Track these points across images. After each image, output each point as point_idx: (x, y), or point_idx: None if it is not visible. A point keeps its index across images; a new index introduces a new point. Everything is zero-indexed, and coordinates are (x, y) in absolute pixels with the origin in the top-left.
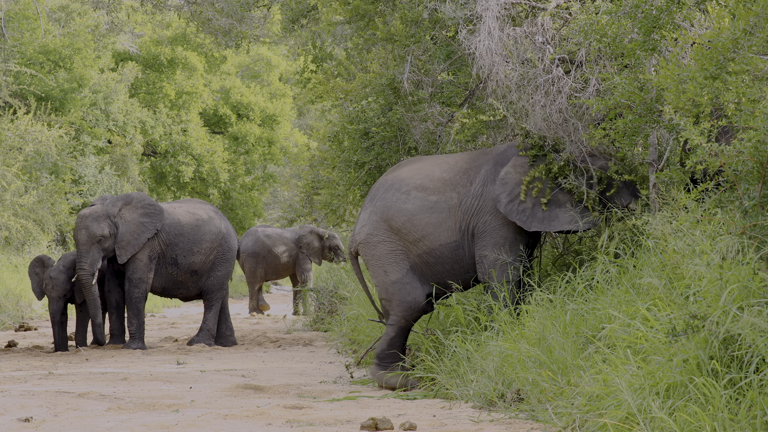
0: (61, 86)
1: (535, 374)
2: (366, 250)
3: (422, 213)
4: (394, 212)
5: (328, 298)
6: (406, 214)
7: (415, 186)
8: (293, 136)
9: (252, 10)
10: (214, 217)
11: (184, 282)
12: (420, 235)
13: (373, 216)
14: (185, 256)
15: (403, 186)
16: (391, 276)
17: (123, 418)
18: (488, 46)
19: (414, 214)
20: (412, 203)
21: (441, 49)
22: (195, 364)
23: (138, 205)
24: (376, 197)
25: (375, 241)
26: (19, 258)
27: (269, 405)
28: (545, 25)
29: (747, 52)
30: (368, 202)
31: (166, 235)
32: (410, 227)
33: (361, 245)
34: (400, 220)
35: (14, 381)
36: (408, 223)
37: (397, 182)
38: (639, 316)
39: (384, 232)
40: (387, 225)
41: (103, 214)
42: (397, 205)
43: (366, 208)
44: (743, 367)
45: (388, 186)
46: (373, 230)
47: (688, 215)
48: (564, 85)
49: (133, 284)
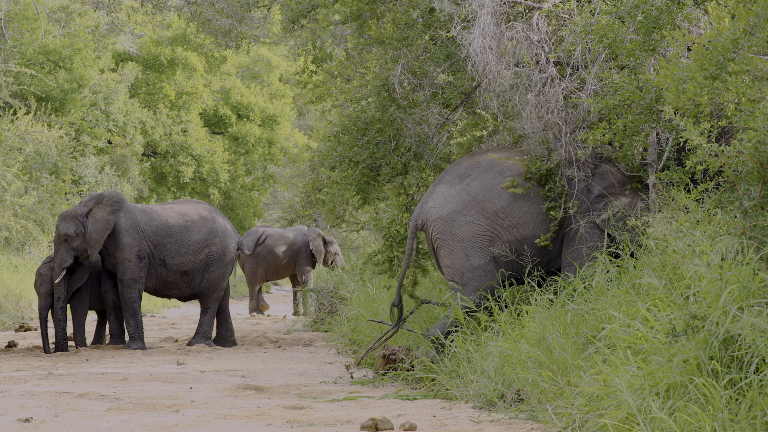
0: (61, 86)
1: (535, 374)
2: (445, 226)
3: (522, 200)
4: (494, 195)
5: (328, 298)
6: (507, 198)
7: (519, 173)
8: (293, 136)
9: (252, 11)
10: (207, 217)
11: (175, 282)
12: (516, 221)
13: (464, 195)
14: (173, 257)
15: (506, 170)
16: (473, 261)
17: (123, 419)
18: (482, 43)
19: (515, 200)
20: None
21: (441, 50)
22: (195, 364)
23: (107, 203)
24: (469, 176)
25: (461, 220)
26: (19, 258)
27: (269, 405)
28: (540, 24)
29: (747, 52)
30: (455, 179)
31: (154, 235)
32: (509, 212)
33: (438, 221)
34: (499, 203)
35: (14, 381)
36: (507, 208)
37: (497, 165)
38: (639, 317)
39: (475, 213)
40: (480, 207)
41: (72, 213)
42: (498, 188)
43: (451, 183)
44: (743, 368)
45: (486, 168)
46: (461, 209)
47: (688, 216)
48: (557, 86)
49: (126, 285)
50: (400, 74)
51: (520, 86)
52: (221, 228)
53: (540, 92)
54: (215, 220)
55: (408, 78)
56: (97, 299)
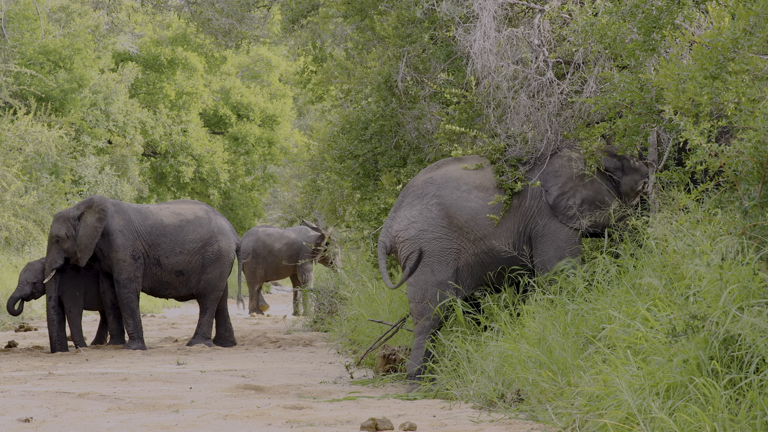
0: (61, 86)
1: (535, 374)
2: (413, 246)
3: (485, 212)
4: (457, 209)
5: (328, 298)
6: (470, 212)
7: (476, 185)
8: (293, 136)
9: (252, 11)
10: (203, 217)
11: (170, 282)
12: (482, 234)
13: (427, 212)
14: (167, 257)
15: (462, 185)
16: (438, 276)
17: (123, 419)
18: (483, 46)
19: (477, 213)
20: (475, 202)
21: (441, 49)
22: (195, 364)
23: (95, 209)
24: (428, 194)
25: (429, 237)
26: (19, 258)
27: (269, 405)
28: (542, 26)
29: (747, 52)
30: (414, 199)
31: (148, 235)
32: (474, 225)
33: (408, 241)
34: (463, 217)
35: (14, 381)
36: (472, 221)
37: (453, 181)
38: (639, 317)
39: (442, 229)
40: (448, 222)
41: (65, 216)
42: (460, 202)
43: (412, 204)
44: (743, 368)
45: (442, 184)
46: (429, 227)
47: (689, 215)
48: (556, 89)
49: (122, 285)
50: (403, 71)
51: (518, 88)
52: (217, 228)
53: (535, 95)
54: (211, 220)
55: (410, 74)
56: (97, 300)
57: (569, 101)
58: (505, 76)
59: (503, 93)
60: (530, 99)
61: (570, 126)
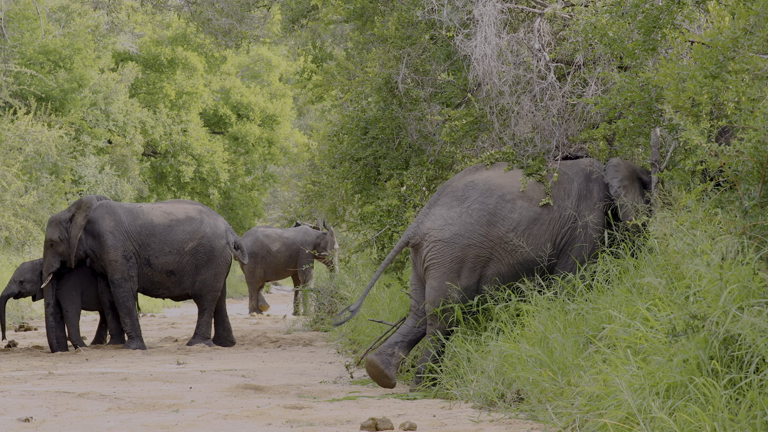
0: (61, 86)
1: (535, 374)
2: (444, 248)
3: (527, 223)
4: (500, 219)
5: (328, 298)
6: (513, 222)
7: (520, 195)
8: (293, 136)
9: (252, 10)
10: (194, 217)
11: (162, 282)
12: (520, 244)
13: (467, 217)
14: (157, 257)
15: (507, 194)
16: (463, 282)
17: (123, 418)
18: (484, 51)
19: (519, 224)
20: (519, 213)
21: (441, 50)
22: (195, 364)
23: (84, 209)
24: (470, 198)
25: (463, 243)
26: (19, 258)
27: (269, 405)
28: (542, 30)
29: (747, 52)
30: (453, 200)
31: (138, 235)
32: (514, 237)
33: (438, 242)
34: (504, 228)
35: (14, 381)
36: (512, 232)
37: (497, 188)
38: (639, 316)
39: (479, 236)
40: (487, 230)
41: (57, 219)
42: (503, 212)
43: (450, 205)
44: (743, 367)
45: (485, 190)
46: (465, 231)
47: (689, 215)
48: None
49: (116, 285)
50: (403, 72)
51: (521, 93)
52: (209, 228)
53: (538, 98)
54: (203, 220)
55: (411, 76)
56: (95, 299)
57: (571, 103)
58: (506, 82)
59: (506, 99)
60: (533, 103)
61: (574, 129)
